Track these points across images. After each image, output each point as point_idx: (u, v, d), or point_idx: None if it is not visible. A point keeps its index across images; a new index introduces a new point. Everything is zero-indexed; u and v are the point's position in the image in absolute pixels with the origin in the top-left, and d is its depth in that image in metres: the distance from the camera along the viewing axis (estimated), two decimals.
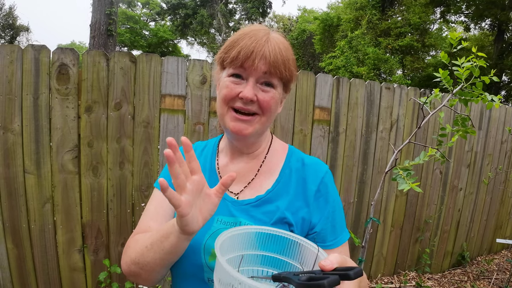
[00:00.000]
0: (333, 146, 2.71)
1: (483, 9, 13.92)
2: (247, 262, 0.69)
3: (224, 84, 0.78)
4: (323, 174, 0.85)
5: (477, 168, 3.63)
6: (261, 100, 0.77)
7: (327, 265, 0.50)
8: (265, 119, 0.80)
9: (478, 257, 3.98)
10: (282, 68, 0.76)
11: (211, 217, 0.80)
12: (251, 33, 0.76)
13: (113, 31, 9.98)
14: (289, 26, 24.43)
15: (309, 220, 0.81)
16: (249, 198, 0.83)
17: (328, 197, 0.83)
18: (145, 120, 2.12)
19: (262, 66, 0.74)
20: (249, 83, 0.76)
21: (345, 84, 2.69)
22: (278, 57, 0.75)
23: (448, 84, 1.50)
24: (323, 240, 0.81)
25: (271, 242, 0.68)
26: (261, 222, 0.79)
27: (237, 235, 0.65)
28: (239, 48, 0.74)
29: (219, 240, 0.59)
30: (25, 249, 1.99)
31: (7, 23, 18.93)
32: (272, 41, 0.76)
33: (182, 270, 0.81)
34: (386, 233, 3.15)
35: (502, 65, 13.91)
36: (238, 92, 0.76)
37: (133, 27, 24.50)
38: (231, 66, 0.77)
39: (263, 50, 0.74)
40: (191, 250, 0.78)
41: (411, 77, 15.14)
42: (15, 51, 1.86)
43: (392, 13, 14.55)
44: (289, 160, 0.89)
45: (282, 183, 0.85)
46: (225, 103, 0.79)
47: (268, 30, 0.79)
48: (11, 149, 1.91)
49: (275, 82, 0.78)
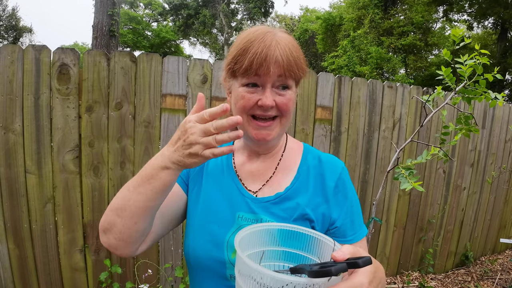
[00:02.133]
0: (335, 145, 2.70)
1: (486, 8, 13.82)
2: (269, 257, 0.70)
3: (239, 94, 0.77)
4: (340, 170, 0.87)
5: (481, 167, 3.60)
6: (280, 104, 0.77)
7: (339, 256, 0.51)
8: (285, 120, 0.80)
9: (482, 257, 3.95)
10: (296, 69, 0.76)
11: (234, 213, 0.82)
12: (259, 38, 0.74)
13: (115, 32, 10.00)
14: (291, 26, 24.40)
15: (329, 216, 0.82)
16: (268, 196, 0.84)
17: (346, 192, 0.85)
18: (146, 120, 2.11)
19: (276, 70, 0.73)
20: (266, 90, 0.75)
21: (347, 83, 2.68)
22: (290, 58, 0.74)
23: (451, 82, 1.49)
24: (343, 235, 0.82)
25: (292, 239, 0.69)
26: (282, 219, 0.80)
27: (257, 232, 0.67)
28: (251, 56, 0.72)
29: (238, 235, 0.61)
30: (27, 249, 1.99)
31: (10, 24, 19.03)
32: (282, 43, 0.74)
33: (203, 266, 0.81)
34: (389, 233, 3.13)
35: (506, 64, 13.82)
36: (256, 101, 0.76)
37: (136, 28, 24.56)
38: (245, 76, 0.75)
39: (275, 55, 0.73)
40: (214, 246, 0.79)
41: (414, 76, 15.07)
42: (16, 51, 1.86)
43: (394, 12, 14.50)
44: (306, 158, 0.90)
45: (301, 180, 0.86)
46: (244, 113, 0.78)
47: (274, 31, 0.77)
48: (12, 149, 1.91)
49: (290, 83, 0.78)
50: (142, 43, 24.48)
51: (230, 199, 0.85)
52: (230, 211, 0.83)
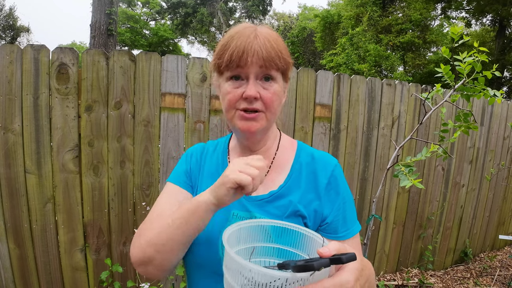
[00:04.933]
0: (335, 143, 2.70)
1: (484, 5, 13.83)
2: (260, 254, 0.72)
3: (225, 90, 0.80)
4: (333, 167, 0.87)
5: (480, 164, 3.61)
6: (264, 97, 0.78)
7: (324, 252, 0.52)
8: (269, 115, 0.81)
9: (481, 254, 3.96)
10: (277, 59, 0.77)
11: (228, 212, 0.84)
12: (239, 33, 0.77)
13: (113, 31, 9.96)
14: (290, 24, 24.35)
15: (321, 212, 0.83)
16: (262, 194, 0.85)
17: (338, 189, 0.85)
18: (145, 119, 2.11)
19: (256, 61, 0.75)
20: (250, 82, 0.77)
21: (346, 81, 2.68)
22: (270, 49, 0.76)
23: (450, 79, 1.49)
24: (335, 231, 0.83)
25: (283, 235, 0.71)
26: (275, 216, 0.81)
27: (247, 228, 0.69)
28: (231, 50, 0.75)
29: (227, 231, 0.62)
30: (27, 249, 1.99)
31: (7, 24, 18.95)
32: (261, 36, 0.77)
33: (198, 263, 0.82)
34: (388, 230, 3.14)
35: (504, 61, 13.84)
36: (241, 93, 0.78)
37: (134, 27, 24.48)
38: (228, 70, 0.78)
39: (254, 46, 0.75)
40: (208, 243, 0.81)
41: (413, 73, 15.08)
42: (15, 51, 1.86)
43: (393, 10, 14.49)
44: (299, 155, 0.91)
45: (294, 178, 0.87)
46: (232, 107, 0.80)
47: (255, 27, 0.80)
48: (11, 149, 1.90)
49: (273, 74, 0.79)
50: (140, 42, 24.39)
51: None
52: (224, 210, 0.83)
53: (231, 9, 24.67)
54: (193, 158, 0.95)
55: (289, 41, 19.84)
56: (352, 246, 0.83)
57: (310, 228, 0.81)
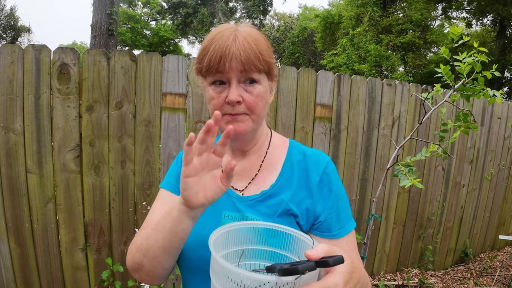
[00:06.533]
0: (335, 143, 2.71)
1: (484, 5, 13.82)
2: (250, 256, 0.70)
3: (210, 95, 0.78)
4: (325, 165, 0.85)
5: (480, 165, 3.61)
6: (247, 101, 0.77)
7: (312, 255, 0.50)
8: (255, 117, 0.79)
9: (481, 254, 3.97)
10: (257, 61, 0.75)
11: (219, 213, 0.82)
12: (218, 36, 0.74)
13: (114, 31, 9.98)
14: (290, 24, 24.35)
15: (314, 210, 0.81)
16: (254, 194, 0.84)
17: (331, 186, 0.84)
18: (146, 119, 2.12)
19: (235, 65, 0.73)
20: (231, 86, 0.75)
21: (346, 81, 2.68)
22: (249, 52, 0.73)
23: (449, 79, 1.50)
24: (329, 229, 0.81)
25: (273, 237, 0.69)
26: (267, 215, 0.80)
27: (235, 230, 0.67)
28: (209, 55, 0.73)
29: (213, 235, 0.61)
30: (28, 248, 2.00)
31: (8, 24, 18.98)
32: (240, 37, 0.74)
33: (191, 265, 0.82)
34: (388, 230, 3.14)
35: (504, 61, 13.82)
36: (225, 98, 0.76)
37: (134, 27, 24.50)
38: (209, 75, 0.76)
39: (232, 50, 0.72)
40: (200, 245, 0.79)
41: (413, 74, 15.07)
42: (16, 51, 1.87)
43: (393, 10, 14.49)
44: (291, 153, 0.89)
45: (285, 176, 0.85)
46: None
47: (235, 27, 0.77)
48: (13, 149, 1.91)
49: (256, 77, 0.77)
50: (141, 42, 24.42)
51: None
52: (215, 211, 0.83)
53: (232, 9, 24.69)
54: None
55: (290, 41, 19.84)
56: (347, 244, 0.82)
57: (303, 227, 0.81)
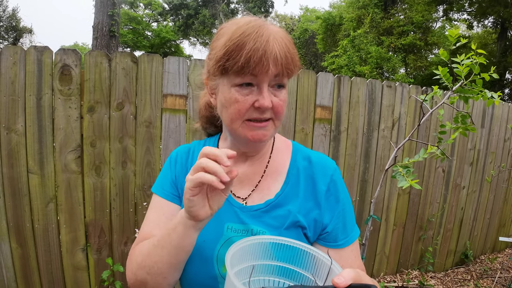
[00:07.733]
0: (335, 144, 2.72)
1: (486, 7, 13.83)
2: (261, 272, 0.67)
3: (232, 97, 0.70)
4: (332, 172, 0.82)
5: (480, 166, 3.61)
6: (275, 105, 0.72)
7: (340, 283, 0.47)
8: (278, 123, 0.76)
9: (482, 256, 3.96)
10: (292, 66, 0.70)
11: (221, 225, 0.78)
12: (253, 32, 0.66)
13: (115, 32, 10.02)
14: (291, 26, 24.40)
15: (321, 221, 0.79)
16: (258, 204, 0.80)
17: (338, 195, 0.81)
18: (147, 120, 2.13)
19: (274, 68, 0.67)
20: (263, 90, 0.69)
21: (346, 82, 2.69)
22: (288, 55, 0.68)
23: (447, 81, 1.50)
24: (335, 239, 0.79)
25: (286, 251, 0.66)
26: (273, 227, 0.76)
27: (248, 246, 0.64)
28: (247, 53, 0.64)
29: (230, 252, 0.57)
30: (29, 248, 2.01)
31: (10, 25, 19.05)
32: (278, 38, 0.68)
33: (195, 282, 0.77)
34: (388, 232, 3.14)
35: (506, 63, 13.82)
36: (252, 102, 0.69)
37: (136, 28, 24.58)
38: (239, 75, 0.68)
39: (274, 51, 0.66)
40: (203, 260, 0.76)
41: (414, 75, 15.08)
42: (18, 53, 1.88)
43: (394, 12, 14.51)
44: (295, 159, 0.85)
45: (291, 185, 0.81)
46: (240, 118, 0.71)
47: (264, 23, 0.69)
48: (14, 150, 1.93)
49: (285, 82, 0.73)
50: (142, 43, 24.50)
51: None
52: (217, 223, 0.78)
53: (233, 10, 24.75)
54: (178, 164, 0.87)
55: None
56: (352, 253, 0.80)
57: (310, 239, 0.78)
